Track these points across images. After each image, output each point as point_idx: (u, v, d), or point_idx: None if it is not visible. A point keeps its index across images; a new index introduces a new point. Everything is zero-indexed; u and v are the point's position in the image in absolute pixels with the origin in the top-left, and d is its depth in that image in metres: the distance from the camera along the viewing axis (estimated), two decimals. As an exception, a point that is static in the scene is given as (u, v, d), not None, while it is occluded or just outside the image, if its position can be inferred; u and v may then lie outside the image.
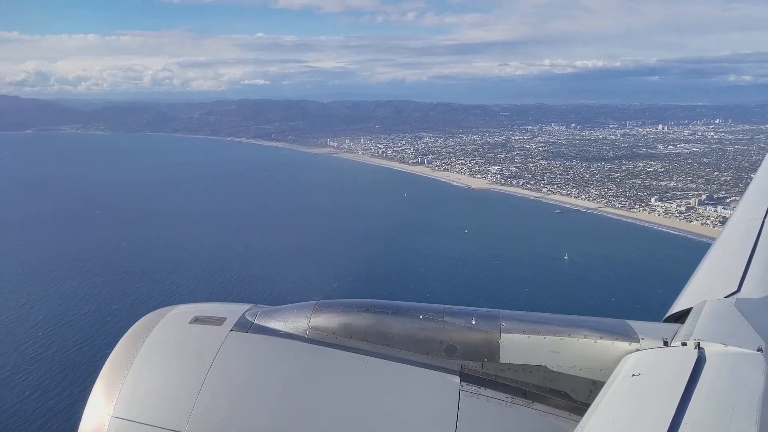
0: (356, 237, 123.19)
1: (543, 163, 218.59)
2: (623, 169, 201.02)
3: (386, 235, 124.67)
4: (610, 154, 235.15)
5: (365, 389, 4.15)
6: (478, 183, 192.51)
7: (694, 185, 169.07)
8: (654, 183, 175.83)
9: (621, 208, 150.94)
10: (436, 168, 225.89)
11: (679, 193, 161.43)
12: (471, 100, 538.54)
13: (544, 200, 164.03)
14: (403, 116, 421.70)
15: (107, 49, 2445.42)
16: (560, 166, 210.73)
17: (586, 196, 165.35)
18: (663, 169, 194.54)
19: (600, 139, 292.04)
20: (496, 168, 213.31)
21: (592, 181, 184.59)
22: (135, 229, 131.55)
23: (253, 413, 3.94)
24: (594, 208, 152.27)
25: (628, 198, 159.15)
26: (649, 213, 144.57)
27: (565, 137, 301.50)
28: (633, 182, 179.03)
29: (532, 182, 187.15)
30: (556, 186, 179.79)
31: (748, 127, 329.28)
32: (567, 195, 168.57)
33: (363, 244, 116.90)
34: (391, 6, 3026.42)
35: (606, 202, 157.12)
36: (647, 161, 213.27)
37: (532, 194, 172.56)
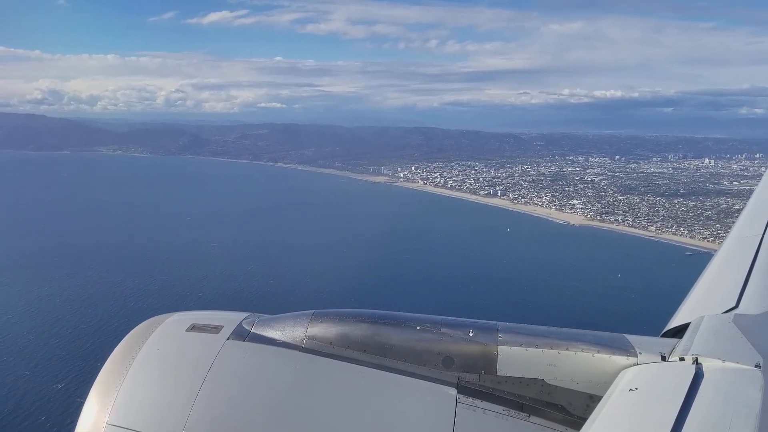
0: (527, 285, 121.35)
1: (620, 197, 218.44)
2: (707, 206, 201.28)
3: (545, 282, 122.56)
4: (681, 190, 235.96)
5: (362, 400, 4.17)
6: (574, 219, 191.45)
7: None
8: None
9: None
10: (514, 201, 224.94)
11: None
12: (490, 128, 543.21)
13: (662, 240, 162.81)
14: (435, 143, 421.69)
15: (124, 70, 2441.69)
16: (640, 201, 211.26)
17: (701, 236, 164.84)
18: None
19: (654, 172, 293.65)
20: (578, 202, 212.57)
21: (688, 219, 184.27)
22: (285, 265, 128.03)
23: (249, 422, 3.93)
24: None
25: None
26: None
27: (617, 170, 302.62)
28: (733, 222, 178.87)
29: (630, 219, 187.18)
30: (660, 224, 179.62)
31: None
32: (679, 235, 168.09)
33: (550, 297, 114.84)
34: (414, 33, 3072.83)
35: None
36: (726, 198, 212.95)
37: (642, 233, 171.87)
